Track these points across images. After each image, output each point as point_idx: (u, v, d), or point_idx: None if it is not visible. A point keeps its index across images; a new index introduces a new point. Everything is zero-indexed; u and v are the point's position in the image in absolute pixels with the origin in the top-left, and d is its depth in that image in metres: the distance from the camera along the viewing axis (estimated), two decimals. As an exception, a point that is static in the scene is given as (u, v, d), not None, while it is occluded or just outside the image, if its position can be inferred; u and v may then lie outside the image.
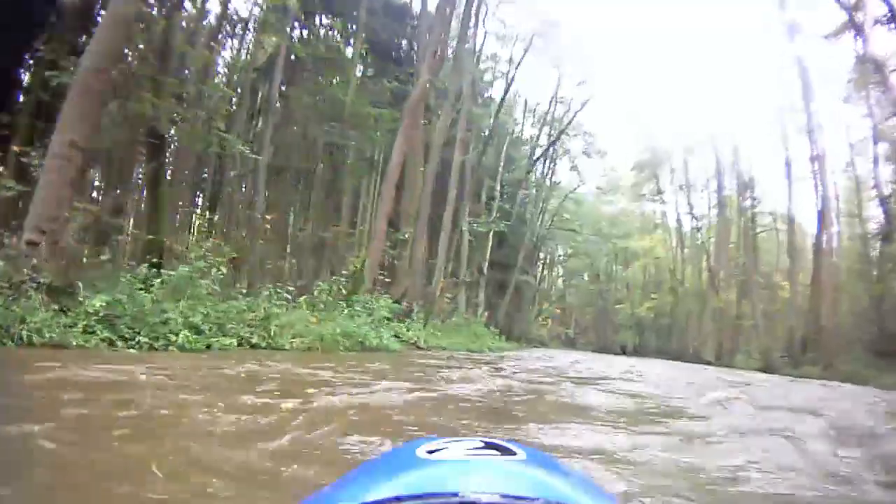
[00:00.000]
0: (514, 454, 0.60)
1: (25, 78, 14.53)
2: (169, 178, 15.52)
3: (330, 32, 24.57)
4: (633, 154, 51.75)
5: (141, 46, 13.73)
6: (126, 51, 11.91)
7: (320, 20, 24.65)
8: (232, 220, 20.46)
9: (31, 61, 13.93)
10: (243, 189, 21.14)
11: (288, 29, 20.40)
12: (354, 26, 23.55)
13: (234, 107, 20.05)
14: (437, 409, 5.71)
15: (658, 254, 49.99)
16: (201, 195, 22.29)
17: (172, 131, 15.26)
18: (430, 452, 0.60)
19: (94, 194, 16.58)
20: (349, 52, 23.93)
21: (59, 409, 3.77)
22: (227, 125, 18.01)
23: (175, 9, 14.98)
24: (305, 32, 23.93)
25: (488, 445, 0.62)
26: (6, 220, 9.54)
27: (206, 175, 21.24)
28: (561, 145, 44.43)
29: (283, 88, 21.23)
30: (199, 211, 18.12)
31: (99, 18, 12.29)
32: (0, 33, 11.95)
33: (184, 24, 16.57)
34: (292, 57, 20.55)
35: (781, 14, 31.85)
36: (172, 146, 16.42)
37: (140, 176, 16.42)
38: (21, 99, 14.11)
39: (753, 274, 36.85)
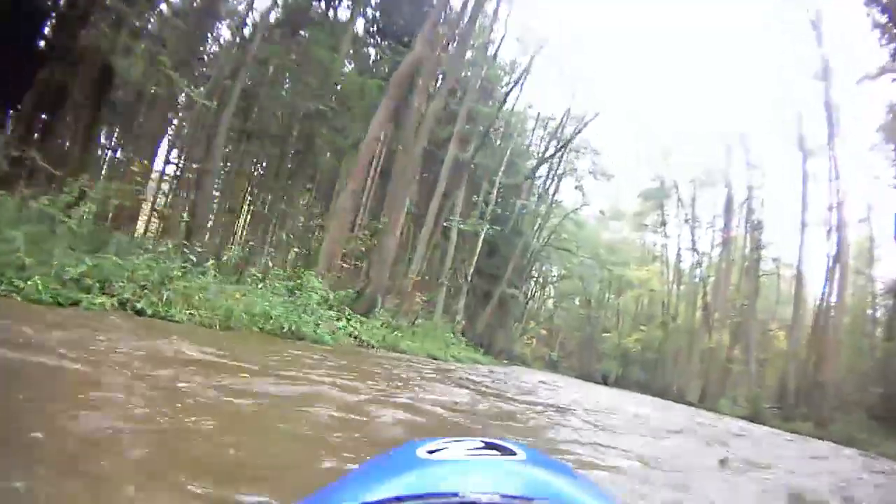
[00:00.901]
0: (514, 454, 0.60)
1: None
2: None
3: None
4: (641, 182, 50.10)
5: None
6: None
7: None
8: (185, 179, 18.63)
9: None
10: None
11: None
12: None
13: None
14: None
15: (653, 286, 48.17)
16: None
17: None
18: (431, 452, 0.61)
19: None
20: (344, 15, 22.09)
21: None
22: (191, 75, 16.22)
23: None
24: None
25: (488, 445, 0.63)
26: None
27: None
28: (568, 164, 42.84)
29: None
30: (144, 161, 16.24)
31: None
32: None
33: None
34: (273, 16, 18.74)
35: (817, 50, 30.11)
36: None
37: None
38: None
39: (751, 318, 35.06)
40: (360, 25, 24.44)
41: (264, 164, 23.04)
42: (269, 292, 12.00)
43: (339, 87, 21.25)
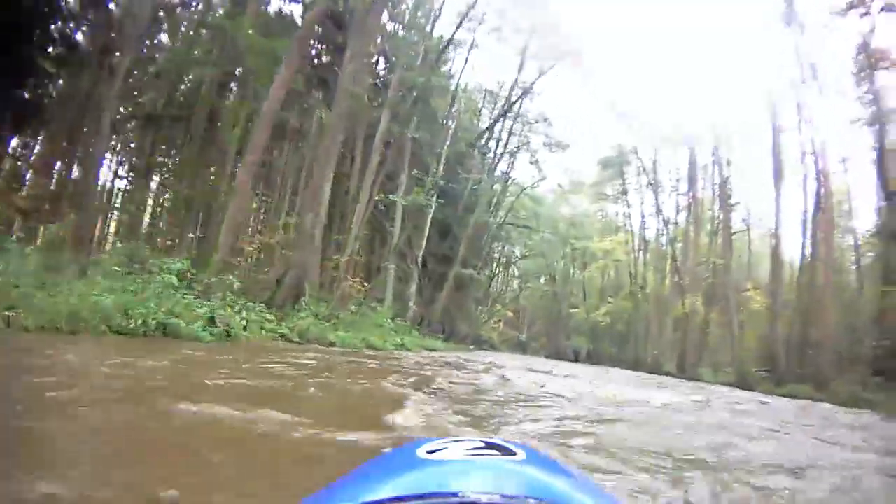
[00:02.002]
0: (515, 454, 0.60)
1: None
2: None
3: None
4: (600, 151, 48.07)
5: None
6: None
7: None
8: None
9: None
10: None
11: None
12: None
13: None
14: None
15: (618, 256, 46.23)
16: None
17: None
18: (431, 452, 0.60)
19: None
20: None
21: None
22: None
23: None
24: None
25: (489, 445, 0.62)
26: None
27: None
28: (522, 139, 40.95)
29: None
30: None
31: None
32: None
33: None
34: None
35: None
36: None
37: None
38: None
39: (728, 278, 32.95)
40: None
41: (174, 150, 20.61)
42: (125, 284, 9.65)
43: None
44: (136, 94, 18.22)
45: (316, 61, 23.81)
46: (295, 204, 21.01)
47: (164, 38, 20.41)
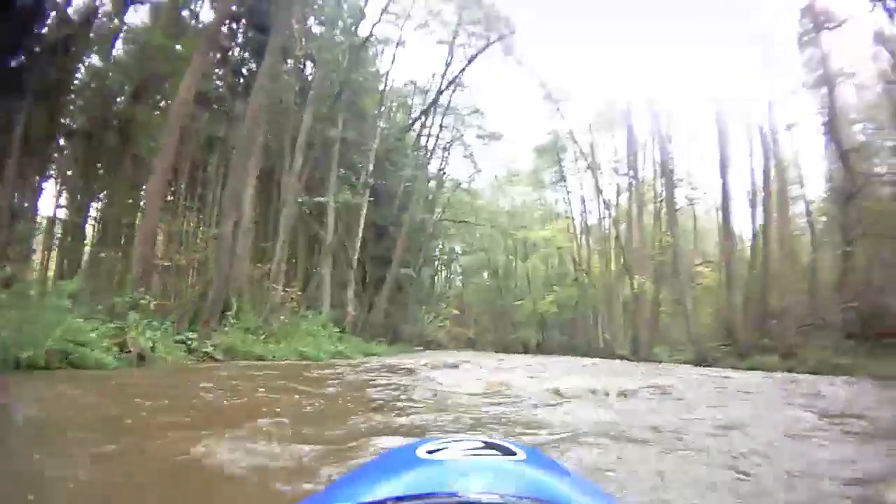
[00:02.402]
0: (514, 454, 0.60)
1: None
2: None
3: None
4: (537, 139, 47.47)
5: None
6: None
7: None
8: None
9: None
10: None
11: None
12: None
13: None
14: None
15: (560, 243, 45.49)
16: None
17: None
18: (431, 452, 0.60)
19: None
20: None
21: None
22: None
23: None
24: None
25: (488, 445, 0.63)
26: None
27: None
28: (455, 133, 40.40)
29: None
30: None
31: None
32: None
33: None
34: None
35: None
36: None
37: None
38: None
39: (678, 255, 31.64)
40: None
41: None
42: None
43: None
44: (57, 113, 16.78)
45: (244, 70, 22.84)
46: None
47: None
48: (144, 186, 18.88)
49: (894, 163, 21.65)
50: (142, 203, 18.45)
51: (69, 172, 19.25)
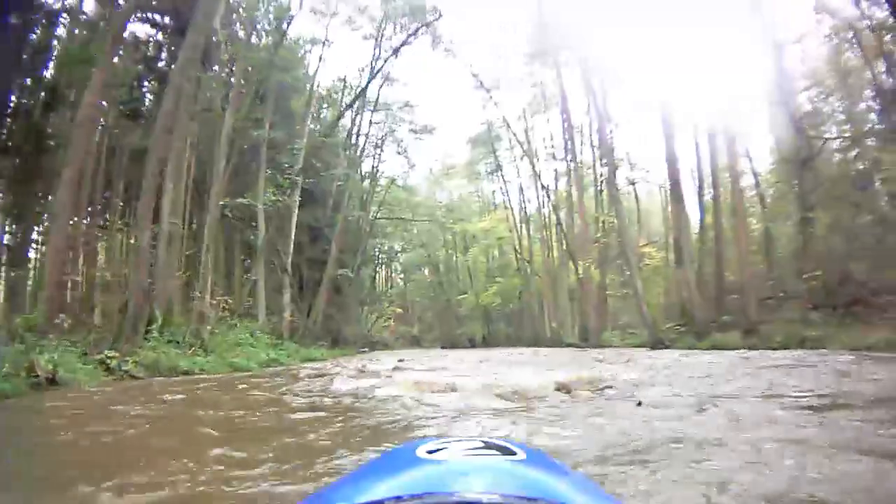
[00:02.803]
0: (515, 454, 0.59)
1: None
2: None
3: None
4: (471, 130, 46.94)
5: None
6: None
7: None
8: None
9: None
10: None
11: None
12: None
13: None
14: None
15: (500, 234, 45.03)
16: None
17: None
18: (431, 452, 0.60)
19: None
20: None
21: None
22: None
23: None
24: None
25: (488, 445, 0.62)
26: None
27: None
28: (386, 128, 39.75)
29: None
30: None
31: None
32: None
33: None
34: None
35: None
36: None
37: None
38: None
39: (624, 236, 29.27)
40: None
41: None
42: None
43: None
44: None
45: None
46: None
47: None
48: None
49: (845, 128, 21.79)
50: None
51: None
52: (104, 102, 15.43)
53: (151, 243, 13.83)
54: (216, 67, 22.36)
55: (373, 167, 40.70)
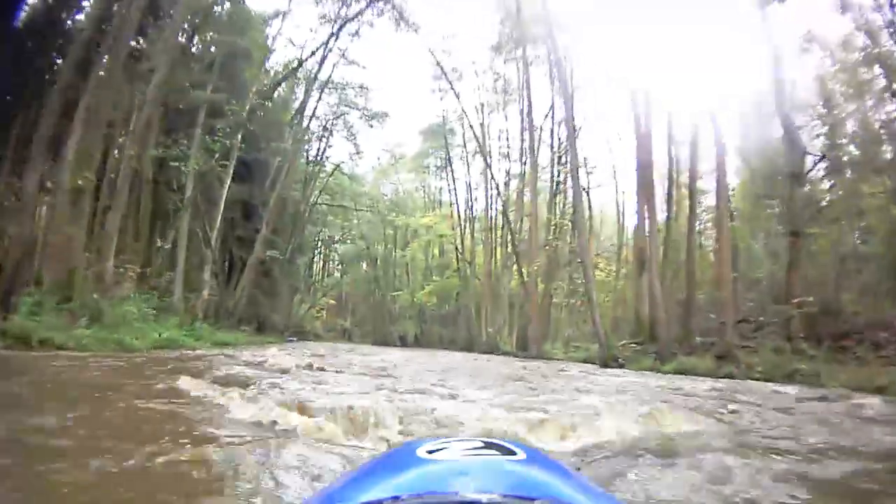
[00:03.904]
0: (515, 454, 0.60)
1: None
2: None
3: None
4: (425, 120, 45.35)
5: None
6: None
7: None
8: None
9: None
10: None
11: None
12: None
13: None
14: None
15: (442, 231, 43.18)
16: None
17: None
18: (431, 452, 0.60)
19: None
20: None
21: None
22: None
23: None
24: None
25: (488, 445, 0.62)
26: None
27: None
28: (337, 111, 37.88)
29: None
30: None
31: None
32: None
33: None
34: None
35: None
36: None
37: None
38: None
39: (584, 239, 25.69)
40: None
41: None
42: None
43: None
44: None
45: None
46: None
47: None
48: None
49: (830, 144, 20.25)
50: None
51: None
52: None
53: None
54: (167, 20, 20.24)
55: (318, 150, 38.87)
